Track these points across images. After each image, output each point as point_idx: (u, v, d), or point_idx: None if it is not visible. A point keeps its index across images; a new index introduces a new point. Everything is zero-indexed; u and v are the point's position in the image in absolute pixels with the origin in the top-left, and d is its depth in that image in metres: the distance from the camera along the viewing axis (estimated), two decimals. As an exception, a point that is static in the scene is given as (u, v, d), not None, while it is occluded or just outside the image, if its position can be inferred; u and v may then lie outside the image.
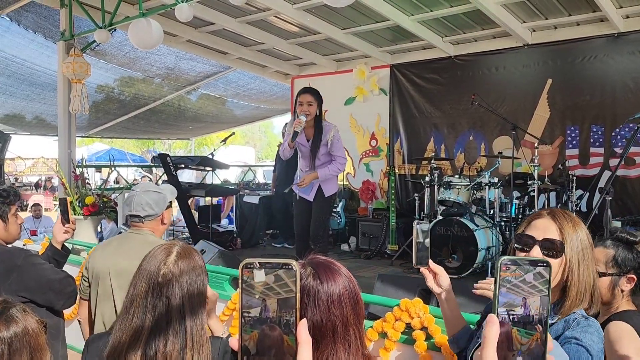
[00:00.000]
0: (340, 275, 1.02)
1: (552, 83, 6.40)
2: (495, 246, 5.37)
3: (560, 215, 1.40)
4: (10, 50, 6.88)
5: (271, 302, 0.66)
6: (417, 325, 2.12)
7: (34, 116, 9.53)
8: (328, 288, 0.98)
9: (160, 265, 1.41)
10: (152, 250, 1.48)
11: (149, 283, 1.39)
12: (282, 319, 0.66)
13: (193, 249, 1.53)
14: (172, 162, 6.10)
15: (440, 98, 7.28)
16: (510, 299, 0.70)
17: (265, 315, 0.66)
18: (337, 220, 7.23)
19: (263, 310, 0.66)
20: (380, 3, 5.59)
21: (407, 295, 2.60)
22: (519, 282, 0.69)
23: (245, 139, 26.34)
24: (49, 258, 2.48)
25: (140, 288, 1.39)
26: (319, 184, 4.26)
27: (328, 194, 4.29)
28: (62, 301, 2.32)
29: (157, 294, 1.38)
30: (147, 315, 1.35)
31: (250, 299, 0.66)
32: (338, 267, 1.05)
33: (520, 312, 0.69)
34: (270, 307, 0.66)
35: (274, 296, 0.66)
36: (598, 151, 6.15)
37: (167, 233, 7.28)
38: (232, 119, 11.73)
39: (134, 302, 1.39)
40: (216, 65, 8.38)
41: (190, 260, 1.47)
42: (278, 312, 0.66)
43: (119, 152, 17.42)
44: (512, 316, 0.70)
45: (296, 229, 4.52)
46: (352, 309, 1.00)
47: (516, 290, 0.69)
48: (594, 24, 6.05)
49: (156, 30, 4.92)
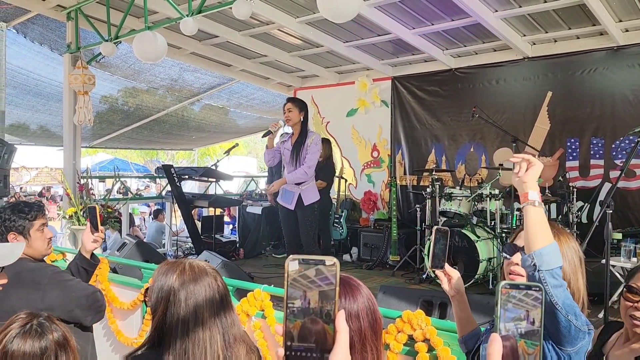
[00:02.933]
0: (359, 292, 1.03)
1: (552, 95, 6.45)
2: (496, 257, 5.40)
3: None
4: (16, 61, 6.96)
5: (313, 294, 0.72)
6: (420, 337, 2.15)
7: (39, 126, 9.60)
8: (346, 304, 1.00)
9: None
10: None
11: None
12: (323, 309, 0.72)
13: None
14: (176, 173, 6.15)
15: (441, 110, 7.34)
16: (517, 314, 0.77)
17: (307, 306, 0.72)
18: (339, 231, 7.27)
19: (304, 301, 0.72)
20: (381, 17, 5.66)
21: (409, 307, 2.63)
22: (522, 296, 0.76)
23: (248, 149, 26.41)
24: (78, 267, 2.41)
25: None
26: (299, 194, 4.39)
27: (307, 203, 4.41)
28: (90, 317, 2.26)
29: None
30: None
31: (294, 291, 0.72)
32: (357, 283, 1.06)
33: (525, 325, 0.76)
34: (312, 299, 0.72)
35: (315, 288, 0.71)
36: (598, 163, 6.19)
37: (171, 243, 7.32)
38: (234, 129, 11.80)
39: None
40: (219, 76, 8.46)
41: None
42: (319, 304, 0.71)
43: (122, 161, 17.47)
44: (520, 329, 0.77)
45: (285, 238, 4.70)
46: (370, 325, 1.01)
47: (521, 305, 0.76)
48: (594, 38, 6.12)
49: (161, 43, 5.00)
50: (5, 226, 2.25)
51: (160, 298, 1.39)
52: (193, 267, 1.44)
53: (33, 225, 2.29)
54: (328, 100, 8.50)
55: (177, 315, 1.35)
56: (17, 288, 2.11)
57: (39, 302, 2.14)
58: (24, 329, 1.46)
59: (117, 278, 3.62)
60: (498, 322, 0.77)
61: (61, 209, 5.81)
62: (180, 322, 1.35)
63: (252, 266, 6.45)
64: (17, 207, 2.30)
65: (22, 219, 2.27)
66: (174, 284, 1.38)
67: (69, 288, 2.23)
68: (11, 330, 1.45)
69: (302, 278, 0.72)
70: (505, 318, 0.77)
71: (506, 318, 0.77)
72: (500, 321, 0.77)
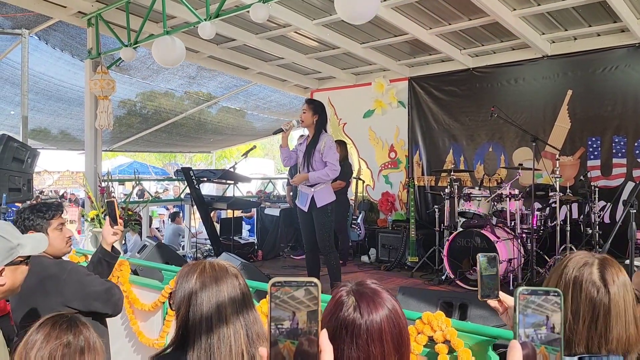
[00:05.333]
0: (383, 308, 0.95)
1: (572, 94, 6.37)
2: (516, 258, 5.34)
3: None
4: (38, 67, 7.10)
5: (301, 314, 0.71)
6: (440, 339, 2.13)
7: (60, 131, 9.77)
8: (369, 323, 0.91)
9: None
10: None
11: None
12: (312, 329, 0.71)
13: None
14: (194, 176, 6.20)
15: (459, 110, 7.28)
16: (537, 320, 0.76)
17: (295, 326, 0.71)
18: (357, 232, 7.26)
19: (293, 322, 0.71)
20: (398, 17, 5.65)
21: (429, 308, 2.62)
22: (542, 301, 0.75)
23: (265, 151, 26.52)
24: (100, 260, 2.51)
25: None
26: (312, 196, 4.40)
27: (320, 205, 4.40)
28: (109, 310, 2.35)
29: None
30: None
31: (281, 313, 0.72)
32: (383, 298, 0.97)
33: (546, 331, 0.74)
34: (300, 319, 0.71)
35: (304, 309, 0.71)
36: (621, 162, 6.08)
37: (190, 245, 7.38)
38: (251, 131, 11.86)
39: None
40: (237, 79, 8.51)
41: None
42: (308, 324, 0.71)
43: (141, 165, 17.67)
44: (540, 335, 0.76)
45: (304, 240, 4.73)
46: (395, 347, 0.92)
47: (541, 311, 0.75)
48: (615, 35, 6.02)
49: (179, 47, 5.06)
50: (25, 225, 2.32)
51: (182, 298, 1.41)
52: (213, 265, 1.47)
53: (51, 224, 2.36)
54: (345, 101, 8.50)
55: (200, 312, 1.37)
56: (37, 283, 2.20)
57: (58, 295, 2.23)
58: (52, 329, 1.51)
59: (138, 280, 3.66)
60: (517, 329, 0.76)
61: (84, 212, 5.90)
62: (203, 320, 1.37)
63: (271, 267, 6.48)
64: (35, 207, 2.39)
65: (40, 218, 2.34)
66: (195, 283, 1.41)
67: (87, 282, 2.31)
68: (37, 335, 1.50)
69: (290, 299, 0.72)
70: (524, 324, 0.75)
71: (525, 324, 0.75)
72: (519, 327, 0.75)
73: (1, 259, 1.65)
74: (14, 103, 8.07)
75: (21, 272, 1.73)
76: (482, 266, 1.47)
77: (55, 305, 2.19)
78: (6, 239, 1.67)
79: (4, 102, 8.23)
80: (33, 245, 1.76)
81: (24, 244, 1.73)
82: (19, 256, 1.70)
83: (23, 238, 1.76)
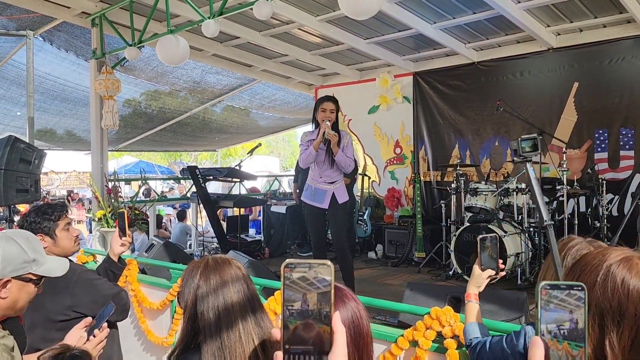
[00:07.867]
0: (343, 305, 1.01)
1: (578, 86, 6.32)
2: (524, 252, 5.32)
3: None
4: (43, 68, 7.13)
5: (311, 296, 0.72)
6: (449, 334, 2.13)
7: (66, 131, 9.81)
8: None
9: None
10: None
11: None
12: (322, 310, 0.72)
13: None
14: (200, 174, 6.21)
15: (464, 104, 7.25)
16: (559, 315, 0.75)
17: (306, 308, 0.72)
18: (363, 228, 7.25)
19: (304, 303, 0.72)
20: (402, 12, 5.63)
21: (437, 304, 2.61)
22: (565, 296, 0.74)
23: (270, 148, 26.55)
24: (106, 270, 2.52)
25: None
26: (332, 192, 4.36)
27: (342, 201, 4.39)
28: (116, 315, 2.30)
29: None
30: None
31: (292, 294, 0.72)
32: (348, 298, 1.04)
33: (569, 326, 0.74)
34: (311, 300, 0.72)
35: (314, 290, 0.72)
36: (628, 154, 6.04)
37: (197, 243, 7.40)
38: (256, 129, 11.87)
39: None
40: (241, 77, 8.52)
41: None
42: (318, 305, 0.72)
43: (147, 164, 17.72)
44: (563, 330, 0.74)
45: (312, 238, 4.65)
46: (352, 340, 0.98)
47: (564, 305, 0.74)
48: (621, 26, 5.97)
49: (183, 47, 5.06)
50: (32, 229, 2.30)
51: (188, 293, 1.46)
52: (215, 259, 1.53)
53: (58, 225, 2.36)
54: (349, 97, 8.47)
55: (207, 305, 1.42)
56: (46, 286, 2.18)
57: (67, 299, 2.24)
58: None
59: (146, 279, 3.68)
60: (539, 324, 0.74)
61: (91, 212, 5.93)
62: (211, 312, 1.41)
63: (278, 265, 6.38)
64: (40, 210, 2.37)
65: (47, 220, 2.33)
66: (200, 278, 1.46)
67: (96, 287, 2.32)
68: None
69: (301, 280, 0.72)
70: (546, 319, 0.74)
71: (548, 319, 0.74)
72: (541, 323, 0.74)
73: (11, 268, 1.54)
74: (20, 104, 8.12)
75: (27, 292, 1.62)
76: (484, 246, 1.72)
77: (63, 308, 2.20)
78: (24, 250, 1.58)
79: (10, 103, 8.28)
80: (49, 267, 1.66)
81: (40, 261, 1.63)
82: (31, 273, 1.60)
83: (42, 256, 1.66)
